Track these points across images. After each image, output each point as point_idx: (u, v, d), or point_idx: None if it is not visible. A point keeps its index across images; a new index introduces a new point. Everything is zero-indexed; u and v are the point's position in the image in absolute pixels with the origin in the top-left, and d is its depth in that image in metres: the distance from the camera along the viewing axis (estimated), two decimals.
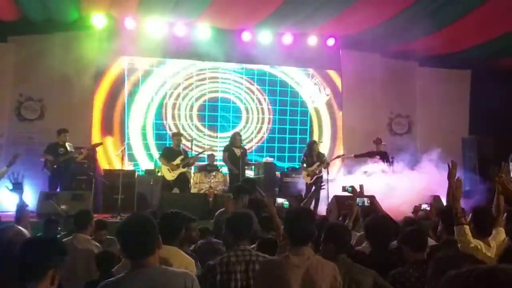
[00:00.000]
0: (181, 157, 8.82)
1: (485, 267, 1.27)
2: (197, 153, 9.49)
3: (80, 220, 4.46)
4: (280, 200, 5.45)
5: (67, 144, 8.65)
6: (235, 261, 3.20)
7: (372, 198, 4.99)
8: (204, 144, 10.88)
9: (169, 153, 8.89)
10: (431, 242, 3.62)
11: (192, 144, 9.79)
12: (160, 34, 10.65)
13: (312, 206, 9.13)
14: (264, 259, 3.19)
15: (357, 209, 4.69)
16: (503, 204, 3.76)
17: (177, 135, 9.16)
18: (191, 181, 9.57)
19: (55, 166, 8.40)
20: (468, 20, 9.50)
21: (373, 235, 3.62)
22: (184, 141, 9.76)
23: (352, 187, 5.29)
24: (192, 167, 9.62)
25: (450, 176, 3.85)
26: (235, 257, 3.21)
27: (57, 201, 7.41)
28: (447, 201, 3.87)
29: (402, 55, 11.53)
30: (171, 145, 9.12)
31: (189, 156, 9.09)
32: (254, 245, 3.74)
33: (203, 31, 10.80)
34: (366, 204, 4.81)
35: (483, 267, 1.27)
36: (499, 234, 3.46)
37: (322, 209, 9.27)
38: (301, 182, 9.62)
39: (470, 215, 3.48)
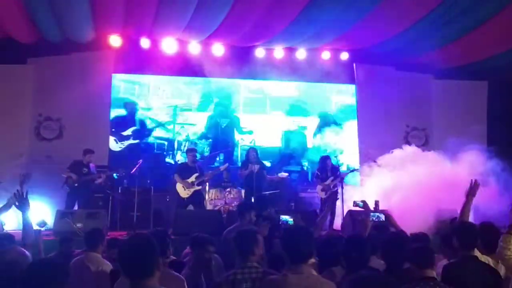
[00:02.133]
0: (196, 174, 8.83)
1: None
2: (212, 171, 9.50)
3: (91, 239, 4.51)
4: (284, 217, 5.41)
5: (90, 165, 8.81)
6: (241, 278, 3.17)
7: (387, 213, 4.90)
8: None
9: (184, 170, 8.90)
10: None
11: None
12: (175, 52, 10.82)
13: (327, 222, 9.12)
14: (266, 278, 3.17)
15: (370, 224, 4.62)
16: None
17: (192, 151, 9.18)
18: (206, 197, 9.59)
19: (76, 185, 8.55)
20: (482, 30, 9.40)
21: (388, 253, 3.57)
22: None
23: (364, 202, 5.22)
24: (207, 183, 9.62)
25: (469, 193, 3.88)
26: (241, 274, 3.19)
27: (72, 219, 7.50)
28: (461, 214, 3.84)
29: (417, 67, 11.45)
30: (186, 162, 9.15)
31: (204, 173, 9.08)
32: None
33: (217, 48, 10.93)
34: (381, 219, 4.72)
35: None
36: None
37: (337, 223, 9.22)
38: (316, 197, 9.57)
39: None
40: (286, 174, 10.54)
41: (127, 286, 2.39)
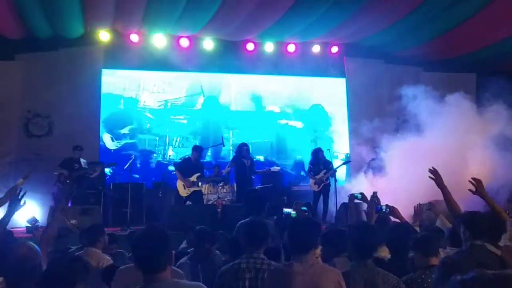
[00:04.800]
0: (198, 174, 8.78)
1: (492, 274, 1.26)
2: (215, 175, 9.55)
3: (92, 235, 4.49)
4: (287, 210, 5.45)
5: (81, 160, 8.76)
6: (245, 268, 3.21)
7: (391, 206, 4.93)
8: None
9: (187, 167, 8.81)
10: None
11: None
12: (165, 47, 10.76)
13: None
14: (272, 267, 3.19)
15: (376, 216, 4.66)
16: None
17: (198, 150, 9.03)
18: None
19: (68, 181, 8.48)
20: (471, 23, 9.51)
21: (393, 242, 3.62)
22: None
23: (362, 194, 5.26)
24: None
25: (439, 184, 3.88)
26: (246, 264, 3.22)
27: (66, 215, 7.44)
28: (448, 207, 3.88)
29: (406, 60, 11.54)
30: (190, 157, 9.05)
31: (206, 177, 9.09)
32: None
33: (207, 43, 10.89)
34: (384, 210, 4.79)
35: (490, 274, 1.25)
36: None
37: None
38: (309, 190, 9.61)
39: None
40: (279, 168, 10.57)
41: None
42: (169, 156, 11.11)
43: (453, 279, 1.31)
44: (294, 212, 5.26)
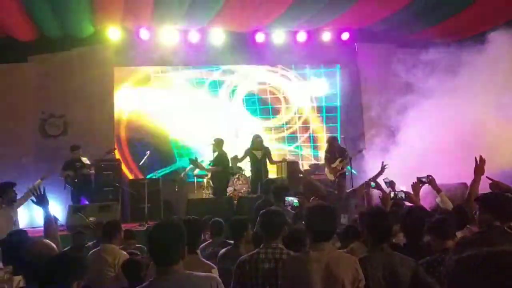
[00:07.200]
0: None
1: (488, 250, 1.24)
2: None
3: (107, 231, 4.53)
4: (290, 198, 5.44)
5: (82, 159, 8.87)
6: (264, 258, 3.22)
7: (406, 192, 4.92)
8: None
9: None
10: None
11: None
12: (175, 42, 10.76)
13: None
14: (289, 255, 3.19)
15: (391, 202, 4.66)
16: None
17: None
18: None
19: (76, 180, 8.59)
20: (481, 3, 9.31)
21: (409, 227, 3.60)
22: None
23: (376, 182, 5.26)
24: None
25: (477, 171, 3.84)
26: (265, 254, 3.24)
27: (85, 213, 7.54)
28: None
29: (418, 44, 11.35)
30: None
31: None
32: None
33: (216, 35, 10.85)
34: (400, 197, 4.79)
35: (485, 251, 1.23)
36: None
37: None
38: (325, 179, 9.55)
39: None
40: (293, 157, 10.53)
41: None
42: None
43: (449, 258, 1.29)
44: (297, 201, 5.25)
